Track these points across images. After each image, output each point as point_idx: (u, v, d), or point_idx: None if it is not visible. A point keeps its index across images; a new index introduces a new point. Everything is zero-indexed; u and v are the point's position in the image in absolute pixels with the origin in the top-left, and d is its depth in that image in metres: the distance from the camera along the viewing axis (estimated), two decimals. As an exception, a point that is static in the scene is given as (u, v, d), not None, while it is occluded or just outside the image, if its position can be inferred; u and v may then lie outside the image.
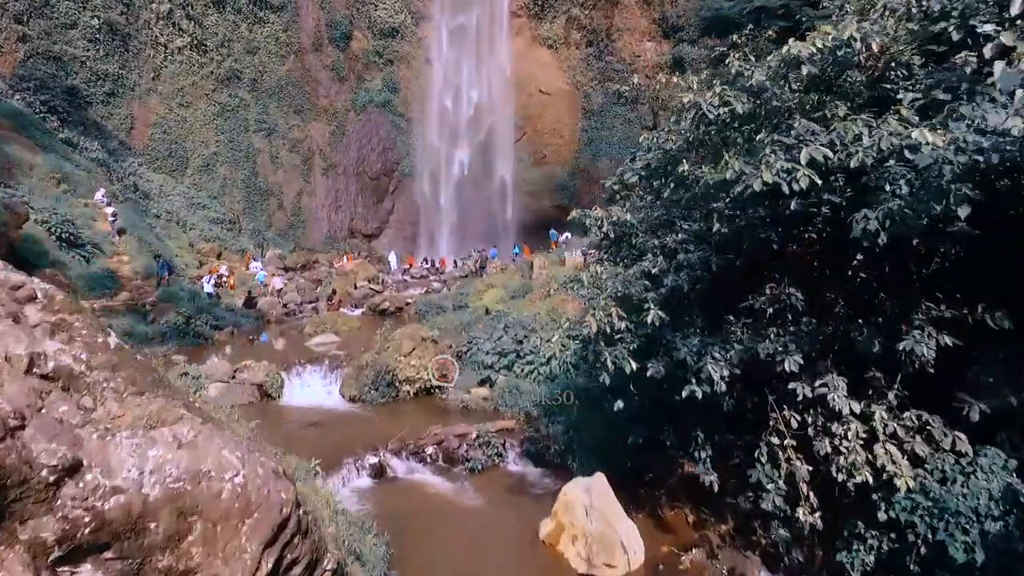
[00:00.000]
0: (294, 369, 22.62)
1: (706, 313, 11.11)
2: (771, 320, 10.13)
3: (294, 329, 31.45)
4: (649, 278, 11.36)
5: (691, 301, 11.04)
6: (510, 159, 73.32)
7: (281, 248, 66.91)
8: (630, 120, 72.02)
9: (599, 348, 10.48)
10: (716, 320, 10.93)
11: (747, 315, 10.66)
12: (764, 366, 9.74)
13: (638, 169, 14.24)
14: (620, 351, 10.35)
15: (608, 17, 72.86)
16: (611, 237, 13.52)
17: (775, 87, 9.36)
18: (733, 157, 8.43)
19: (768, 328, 10.03)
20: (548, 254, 39.29)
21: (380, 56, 76.19)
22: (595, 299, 11.51)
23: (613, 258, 14.01)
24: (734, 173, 8.33)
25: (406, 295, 36.53)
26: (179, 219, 56.47)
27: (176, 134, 67.16)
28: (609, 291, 11.06)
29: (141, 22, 66.93)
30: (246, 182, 69.30)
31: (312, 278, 47.37)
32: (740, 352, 9.74)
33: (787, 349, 9.47)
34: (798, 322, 9.88)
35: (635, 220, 13.27)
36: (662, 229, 13.00)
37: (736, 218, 10.35)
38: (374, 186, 74.85)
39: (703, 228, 11.98)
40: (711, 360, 9.64)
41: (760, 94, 9.37)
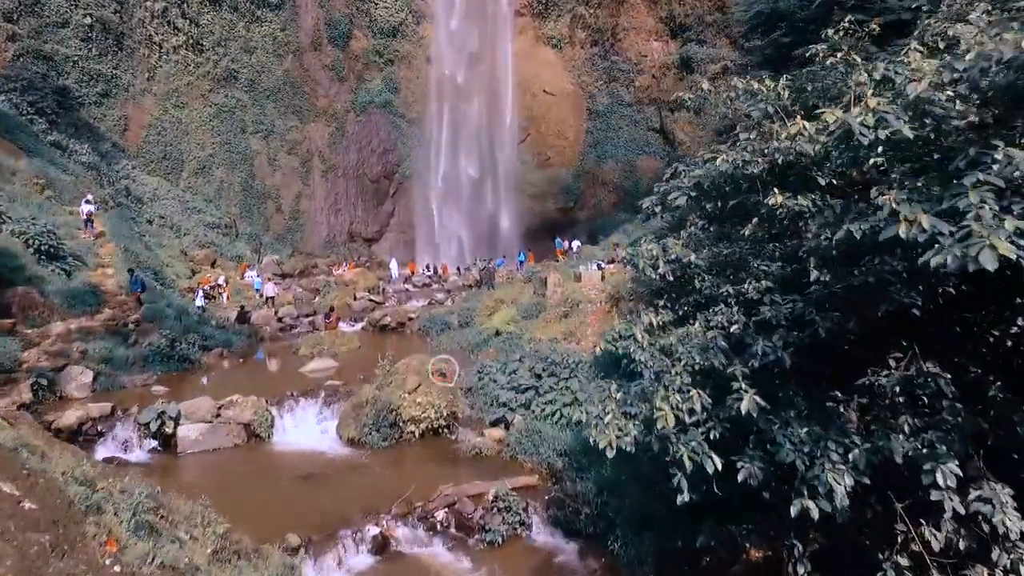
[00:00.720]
0: (286, 404, 19.93)
1: (805, 389, 8.38)
2: (902, 406, 7.52)
3: (289, 349, 28.80)
4: (728, 339, 8.69)
5: (787, 374, 8.28)
6: (513, 161, 70.71)
7: (279, 253, 64.34)
8: (636, 121, 69.55)
9: (671, 440, 7.80)
10: (820, 400, 8.23)
11: (863, 394, 8.02)
12: (898, 470, 7.14)
13: (687, 187, 11.30)
14: (698, 442, 7.73)
15: (614, 16, 70.23)
16: (669, 279, 10.76)
17: (957, 102, 6.56)
18: (906, 203, 5.66)
19: (899, 417, 7.40)
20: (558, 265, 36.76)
21: (380, 56, 73.54)
22: (660, 369, 8.86)
23: (671, 306, 11.26)
24: (918, 232, 5.45)
25: (408, 309, 33.96)
26: (173, 224, 53.87)
27: (171, 136, 64.45)
28: (684, 363, 8.37)
29: (135, 20, 64.19)
30: (243, 185, 66.65)
31: (310, 287, 44.79)
32: (867, 453, 7.10)
33: (934, 450, 6.86)
34: (940, 409, 7.25)
35: (700, 259, 10.57)
36: (734, 270, 10.35)
37: (849, 266, 7.67)
38: (374, 189, 72.21)
39: (789, 272, 9.34)
40: (828, 464, 7.04)
41: (929, 112, 6.61)
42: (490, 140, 70.58)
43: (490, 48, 71.50)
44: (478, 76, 71.31)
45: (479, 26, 71.64)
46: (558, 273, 26.81)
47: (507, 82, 71.13)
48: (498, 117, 70.88)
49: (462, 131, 71.14)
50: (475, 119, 70.98)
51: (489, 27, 71.42)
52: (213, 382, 23.17)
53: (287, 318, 35.09)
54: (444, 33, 72.55)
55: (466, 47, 71.96)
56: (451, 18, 72.42)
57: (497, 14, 71.49)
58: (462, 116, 71.25)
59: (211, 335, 28.48)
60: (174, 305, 30.41)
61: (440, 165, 70.96)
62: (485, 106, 70.93)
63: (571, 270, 31.60)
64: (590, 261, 28.88)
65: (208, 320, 31.22)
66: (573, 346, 21.93)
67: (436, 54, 72.60)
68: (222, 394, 20.27)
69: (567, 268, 34.55)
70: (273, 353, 28.76)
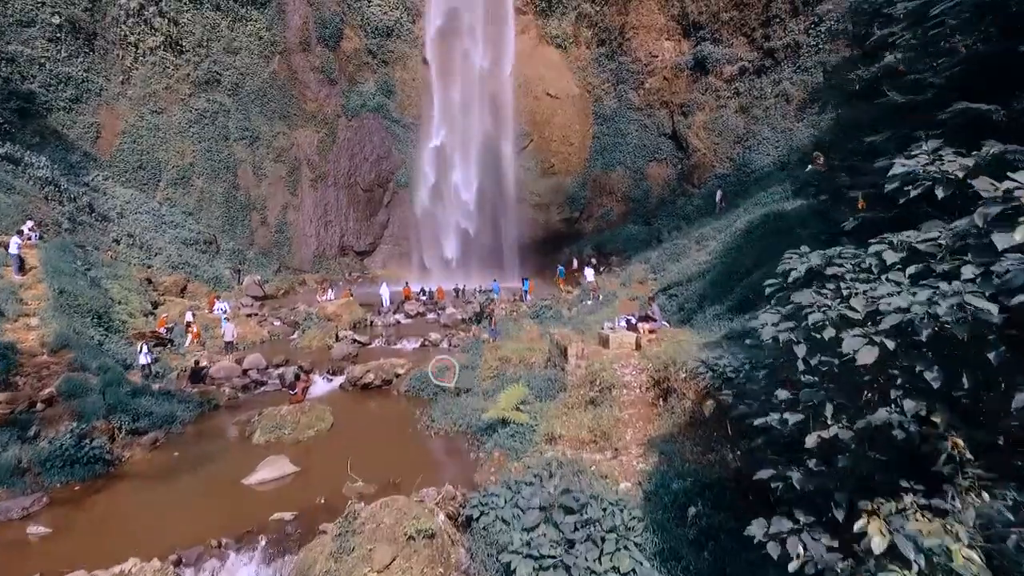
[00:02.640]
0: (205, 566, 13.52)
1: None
2: None
3: (246, 426, 22.28)
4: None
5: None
6: (515, 168, 64.16)
7: (265, 269, 57.96)
8: (646, 126, 63.00)
9: None
10: None
11: None
12: None
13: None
14: None
15: (622, 13, 63.57)
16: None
17: None
18: None
19: None
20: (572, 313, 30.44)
21: (374, 56, 66.87)
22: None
23: None
24: None
25: (396, 362, 27.51)
26: (143, 243, 47.35)
27: (147, 143, 57.92)
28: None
29: (108, 20, 57.56)
30: (226, 196, 60.14)
31: (289, 319, 38.27)
32: None
33: None
34: None
35: None
36: None
37: None
38: (367, 198, 65.69)
39: None
40: None
41: None
42: (490, 146, 63.93)
43: (490, 48, 64.77)
44: (477, 78, 64.58)
45: (479, 25, 64.88)
46: (580, 342, 20.32)
47: (508, 84, 64.48)
48: (498, 122, 64.20)
49: (460, 137, 64.46)
50: (474, 124, 64.27)
51: (489, 26, 64.63)
52: (116, 508, 16.63)
53: (254, 371, 28.62)
54: (441, 32, 65.77)
55: (465, 47, 65.20)
56: (448, 16, 65.64)
57: (498, 12, 64.72)
58: (460, 121, 64.55)
59: (147, 410, 21.96)
60: (110, 368, 23.90)
61: (437, 173, 64.29)
62: (485, 110, 64.22)
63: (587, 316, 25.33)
64: (617, 318, 22.39)
65: (150, 386, 24.71)
66: (608, 459, 15.58)
67: (432, 54, 65.85)
68: (121, 536, 13.99)
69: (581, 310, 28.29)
70: (221, 433, 22.22)
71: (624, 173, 63.26)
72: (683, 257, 30.73)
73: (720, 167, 57.35)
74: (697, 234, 32.87)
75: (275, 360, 29.96)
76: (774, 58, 56.53)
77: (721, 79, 59.25)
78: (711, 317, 20.11)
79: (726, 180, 56.39)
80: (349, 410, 23.88)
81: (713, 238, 30.57)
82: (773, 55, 56.56)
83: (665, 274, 28.76)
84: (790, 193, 29.80)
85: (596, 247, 61.48)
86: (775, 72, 56.49)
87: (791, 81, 55.17)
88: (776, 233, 22.49)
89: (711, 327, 19.69)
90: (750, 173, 54.62)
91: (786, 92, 55.15)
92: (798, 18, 55.50)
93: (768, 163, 54.23)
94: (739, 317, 19.34)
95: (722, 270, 22.26)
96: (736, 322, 18.63)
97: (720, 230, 31.00)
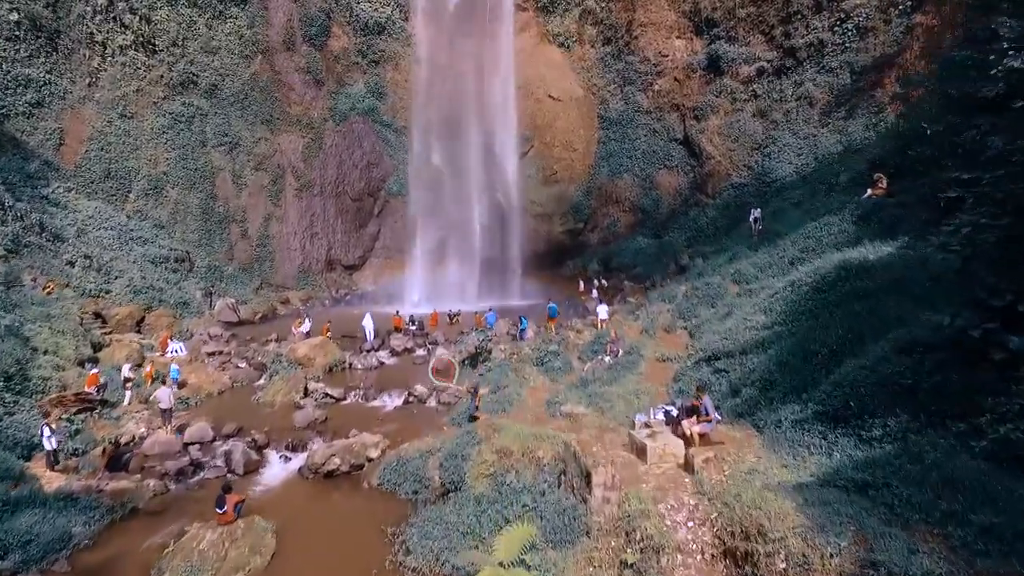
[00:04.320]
0: None
1: None
2: None
3: (153, 563, 16.00)
4: None
5: None
6: (515, 176, 57.88)
7: (244, 286, 51.80)
8: (655, 131, 56.77)
9: None
10: None
11: None
12: None
13: None
14: None
15: (629, 10, 57.20)
16: None
17: None
18: None
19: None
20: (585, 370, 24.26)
21: (363, 56, 60.51)
22: None
23: None
24: None
25: (368, 440, 21.28)
26: (102, 265, 41.17)
27: (117, 151, 51.59)
28: None
29: (74, 17, 51.17)
30: (202, 207, 53.82)
31: (256, 361, 32.03)
32: None
33: None
34: None
35: None
36: None
37: None
38: (356, 208, 59.45)
39: None
40: None
41: None
42: (489, 152, 57.61)
43: (488, 47, 58.25)
44: (474, 79, 58.10)
45: (475, 22, 58.38)
46: (609, 463, 14.20)
47: (508, 86, 58.07)
48: (498, 126, 57.80)
49: (456, 142, 58.02)
50: (471, 128, 57.84)
51: (487, 23, 58.13)
52: None
53: (196, 446, 22.51)
54: (435, 30, 59.33)
55: (461, 45, 58.70)
56: (443, 13, 59.19)
57: (496, 8, 58.21)
58: (456, 125, 58.09)
59: (26, 535, 15.89)
60: None
61: (431, 180, 57.92)
62: (483, 113, 57.77)
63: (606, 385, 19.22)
64: (653, 409, 16.26)
65: (40, 490, 18.54)
66: None
67: (426, 54, 59.41)
68: None
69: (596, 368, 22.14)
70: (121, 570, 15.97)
71: (632, 181, 57.04)
72: (719, 301, 24.46)
73: (737, 176, 51.25)
74: (733, 270, 26.61)
75: (225, 429, 23.75)
76: (795, 58, 50.38)
77: (737, 80, 53.01)
78: (789, 423, 13.95)
79: (743, 190, 50.31)
80: (302, 519, 17.77)
81: (757, 278, 24.26)
82: (794, 54, 50.40)
83: (700, 327, 22.29)
84: (849, 223, 23.54)
85: (602, 261, 55.36)
86: (796, 73, 50.34)
87: (814, 83, 49.03)
88: (862, 297, 16.33)
89: (793, 443, 13.47)
90: (770, 183, 48.55)
91: (809, 95, 49.06)
92: (822, 14, 49.39)
93: (790, 172, 48.17)
94: (834, 432, 13.17)
95: (793, 345, 16.11)
96: (839, 453, 12.45)
97: (766, 269, 24.62)
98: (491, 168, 57.22)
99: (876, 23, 46.95)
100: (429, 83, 58.77)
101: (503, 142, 57.53)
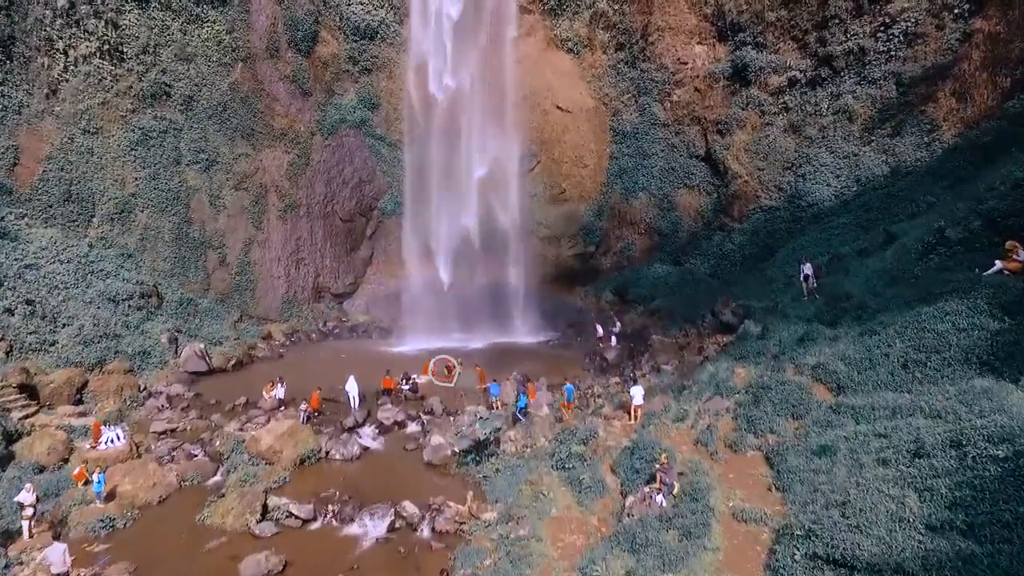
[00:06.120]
0: None
1: None
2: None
3: None
4: None
5: None
6: (520, 195, 51.08)
7: (221, 321, 45.43)
8: (674, 146, 50.33)
9: None
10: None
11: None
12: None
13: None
14: None
15: (645, 12, 50.50)
16: None
17: None
18: None
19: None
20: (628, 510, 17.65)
21: (355, 63, 53.79)
22: None
23: None
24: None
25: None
26: (48, 311, 34.67)
27: (79, 171, 45.08)
28: None
29: (31, 21, 44.58)
30: (175, 232, 47.22)
31: (213, 449, 25.46)
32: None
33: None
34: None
35: None
36: None
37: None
38: (347, 230, 52.95)
39: None
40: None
41: None
42: (491, 168, 50.83)
43: (491, 53, 51.25)
44: (475, 88, 51.15)
45: (476, 26, 51.37)
46: None
47: (511, 95, 51.21)
48: (500, 139, 50.97)
49: (455, 156, 51.19)
50: (472, 142, 50.98)
51: (489, 27, 51.14)
52: None
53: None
54: (432, 34, 52.35)
55: (462, 51, 51.74)
56: (441, 15, 52.19)
57: (500, 11, 51.25)
58: (455, 138, 51.25)
59: None
60: None
61: (429, 198, 51.09)
62: (484, 126, 50.94)
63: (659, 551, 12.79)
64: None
65: None
66: None
67: (422, 60, 52.44)
68: None
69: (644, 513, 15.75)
70: None
71: (648, 201, 50.46)
72: (805, 412, 16.86)
73: (766, 198, 44.87)
74: (810, 359, 18.72)
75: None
76: (832, 67, 43.95)
77: (766, 91, 46.48)
78: None
79: (775, 214, 43.91)
80: None
81: (857, 385, 16.78)
82: (831, 63, 43.94)
83: (789, 464, 14.85)
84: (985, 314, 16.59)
85: (616, 290, 48.85)
86: (833, 84, 43.91)
87: (854, 95, 42.64)
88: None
89: None
90: (806, 208, 42.21)
91: (848, 108, 42.72)
92: (862, 19, 42.97)
93: (828, 195, 41.83)
94: None
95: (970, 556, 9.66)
96: None
97: (866, 371, 16.90)
98: (494, 186, 50.42)
99: (927, 28, 40.41)
100: (425, 92, 51.81)
101: (507, 157, 50.62)
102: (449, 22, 51.86)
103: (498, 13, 51.18)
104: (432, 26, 52.28)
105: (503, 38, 51.42)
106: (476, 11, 50.96)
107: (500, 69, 51.22)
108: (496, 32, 51.36)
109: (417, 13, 52.41)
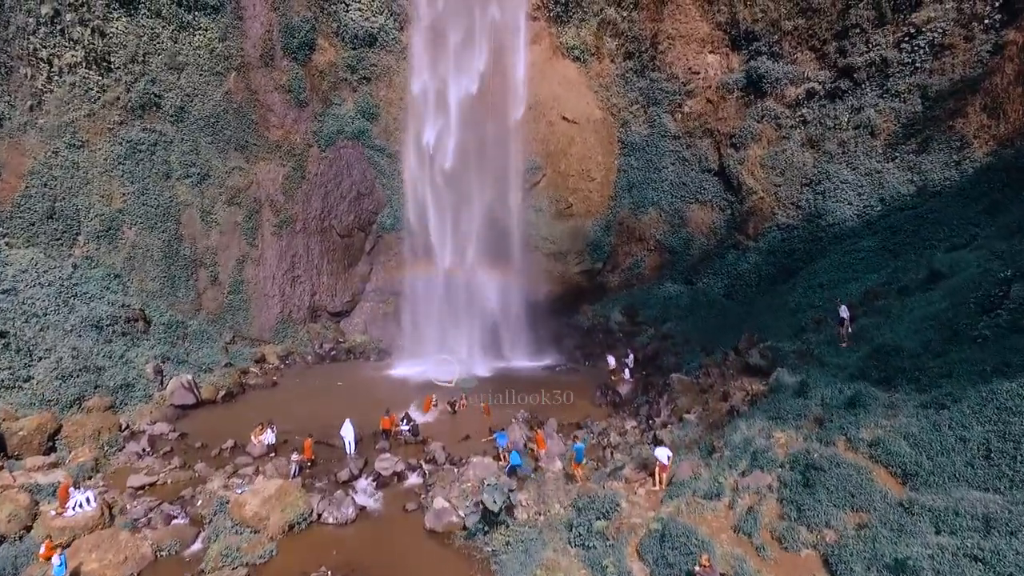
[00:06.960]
0: None
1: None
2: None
3: None
4: None
5: None
6: (524, 209, 48.50)
7: (213, 343, 42.92)
8: (685, 159, 47.78)
9: None
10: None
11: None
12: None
13: None
14: None
15: (655, 20, 47.82)
16: None
17: None
18: None
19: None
20: None
21: (353, 71, 51.10)
22: None
23: None
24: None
25: None
26: (23, 343, 32.02)
27: (63, 186, 42.53)
28: None
29: (12, 30, 41.97)
30: (165, 250, 44.63)
31: (194, 511, 22.83)
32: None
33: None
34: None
35: None
36: None
37: None
38: (344, 245, 50.37)
39: None
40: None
41: None
42: (494, 181, 48.09)
43: (495, 61, 48.42)
44: (478, 98, 48.30)
45: (479, 33, 48.55)
46: None
47: (515, 106, 48.54)
48: (504, 152, 48.14)
49: (458, 169, 48.38)
50: (475, 154, 48.13)
51: (494, 34, 48.31)
52: None
53: None
54: (433, 42, 49.46)
55: (464, 60, 48.93)
56: (442, 23, 49.31)
57: (505, 18, 48.45)
58: (457, 150, 48.52)
59: None
60: None
61: (430, 213, 48.33)
62: (487, 137, 48.10)
63: None
64: None
65: None
66: None
67: (425, 69, 49.62)
68: None
69: None
70: None
71: (658, 216, 47.88)
72: (867, 502, 14.30)
73: (783, 215, 42.30)
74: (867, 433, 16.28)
75: None
76: (852, 79, 41.37)
77: (782, 103, 43.85)
78: None
79: (792, 233, 41.35)
80: None
81: (925, 471, 13.98)
82: (851, 75, 41.37)
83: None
84: None
85: (625, 310, 46.31)
86: (854, 96, 41.29)
87: (876, 108, 40.05)
88: None
89: None
90: (826, 227, 39.61)
91: (870, 122, 40.16)
92: (885, 28, 40.39)
93: (850, 215, 39.26)
94: None
95: None
96: None
97: (937, 456, 14.00)
98: (497, 200, 47.73)
99: (954, 40, 37.81)
100: (426, 102, 49.04)
101: (511, 170, 47.88)
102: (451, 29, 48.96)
103: (504, 22, 48.29)
104: (433, 32, 49.39)
105: (509, 47, 48.55)
106: (480, 18, 48.11)
107: (505, 78, 48.40)
108: (501, 40, 48.50)
109: (418, 19, 49.51)
